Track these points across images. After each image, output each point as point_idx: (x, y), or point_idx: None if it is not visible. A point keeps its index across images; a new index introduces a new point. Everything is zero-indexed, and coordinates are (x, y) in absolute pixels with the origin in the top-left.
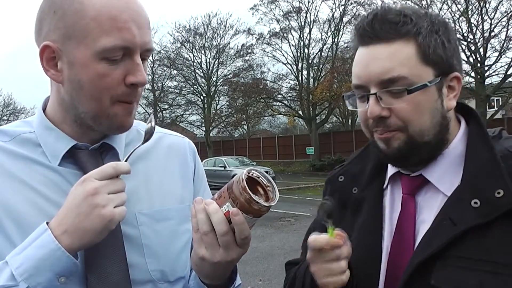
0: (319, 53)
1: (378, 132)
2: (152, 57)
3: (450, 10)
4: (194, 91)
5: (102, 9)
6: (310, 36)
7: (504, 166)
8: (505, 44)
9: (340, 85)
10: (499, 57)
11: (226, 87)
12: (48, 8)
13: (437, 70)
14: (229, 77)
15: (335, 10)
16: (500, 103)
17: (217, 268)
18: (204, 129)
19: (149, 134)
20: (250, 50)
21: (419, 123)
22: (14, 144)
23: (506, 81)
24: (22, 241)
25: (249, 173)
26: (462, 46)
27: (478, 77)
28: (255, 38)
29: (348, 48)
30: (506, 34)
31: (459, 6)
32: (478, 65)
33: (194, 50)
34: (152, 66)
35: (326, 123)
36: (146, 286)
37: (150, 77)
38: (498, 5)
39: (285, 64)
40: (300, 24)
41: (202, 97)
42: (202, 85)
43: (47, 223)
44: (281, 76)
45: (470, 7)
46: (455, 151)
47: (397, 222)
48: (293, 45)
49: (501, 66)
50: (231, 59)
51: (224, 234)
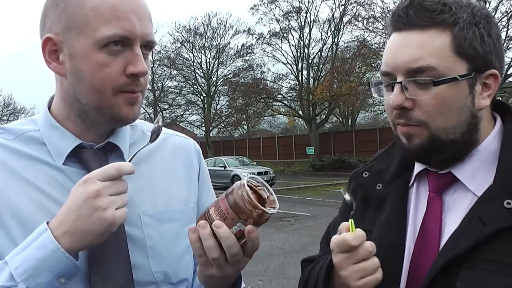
0: (319, 53)
1: (400, 124)
2: (152, 57)
3: None
4: (194, 91)
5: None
6: (310, 36)
7: None
8: (505, 44)
9: (340, 85)
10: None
11: (226, 87)
12: (51, 2)
13: (471, 65)
14: (229, 77)
15: (335, 10)
16: None
17: (224, 278)
18: (204, 129)
19: (156, 134)
20: (250, 50)
21: (443, 120)
22: (19, 142)
23: (506, 81)
24: (24, 240)
25: (250, 187)
26: None
27: None
28: (255, 38)
29: (348, 48)
30: (506, 34)
31: None
32: None
33: (194, 50)
34: (152, 66)
35: (326, 123)
36: (149, 287)
37: (150, 77)
38: (498, 5)
39: (285, 64)
40: (300, 24)
41: (202, 97)
42: (202, 85)
43: (47, 223)
44: (281, 76)
45: None
46: (488, 149)
47: (422, 221)
48: (293, 45)
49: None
50: (231, 59)
51: (235, 255)
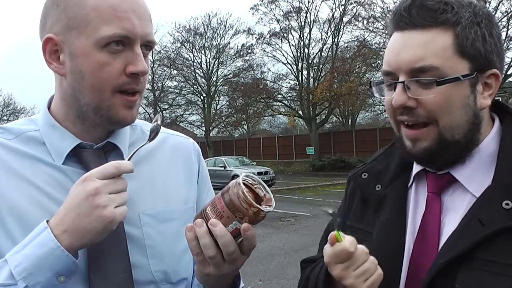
0: (319, 53)
1: (405, 124)
2: (152, 57)
3: None
4: (194, 91)
5: None
6: (310, 36)
7: None
8: (505, 44)
9: (340, 85)
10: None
11: (226, 87)
12: (51, 3)
13: (473, 65)
14: (229, 77)
15: (335, 10)
16: None
17: (222, 277)
18: (204, 129)
19: (154, 133)
20: (250, 50)
21: (449, 119)
22: (19, 142)
23: (506, 81)
24: (24, 239)
25: (245, 185)
26: None
27: None
28: (255, 38)
29: (348, 48)
30: (506, 34)
31: None
32: None
33: (194, 50)
34: (152, 66)
35: (326, 123)
36: (148, 286)
37: (150, 77)
38: (498, 5)
39: (285, 64)
40: (300, 24)
41: (202, 97)
42: (202, 85)
43: (47, 222)
44: (281, 76)
45: None
46: (487, 150)
47: (421, 222)
48: (293, 45)
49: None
50: (231, 59)
51: (231, 253)
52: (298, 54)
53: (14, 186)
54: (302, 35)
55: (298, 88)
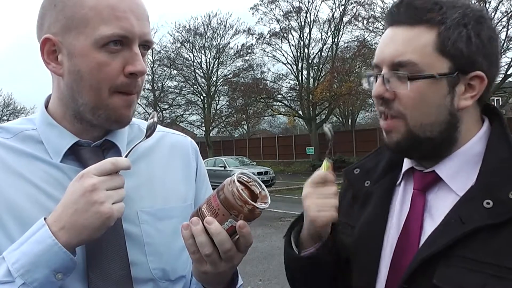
0: (319, 53)
1: (382, 116)
2: (152, 57)
3: None
4: (194, 91)
5: None
6: (310, 36)
7: None
8: (505, 44)
9: (340, 85)
10: (499, 57)
11: (226, 87)
12: (49, 3)
13: (454, 65)
14: (229, 77)
15: (335, 10)
16: (500, 103)
17: (219, 275)
18: (204, 129)
19: (151, 130)
20: (250, 50)
21: (420, 116)
22: (16, 141)
23: (506, 81)
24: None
25: (240, 182)
26: None
27: None
28: (255, 38)
29: (348, 48)
30: (506, 34)
31: None
32: None
33: (194, 50)
34: (152, 66)
35: (326, 123)
36: (147, 284)
37: (150, 77)
38: (498, 5)
39: (285, 64)
40: (300, 24)
41: (202, 97)
42: (202, 85)
43: (45, 219)
44: (281, 76)
45: None
46: (473, 150)
47: (405, 219)
48: (293, 45)
49: (501, 66)
50: (231, 59)
51: (228, 251)
52: (298, 54)
53: (12, 184)
54: (302, 35)
55: (298, 88)
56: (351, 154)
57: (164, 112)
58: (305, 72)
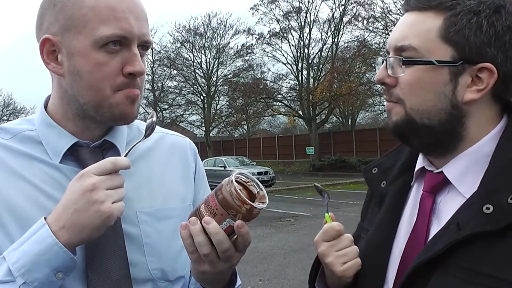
0: (319, 53)
1: (386, 101)
2: (152, 57)
3: None
4: (194, 91)
5: None
6: (310, 36)
7: None
8: None
9: (340, 85)
10: None
11: (226, 87)
12: (48, 3)
13: (459, 53)
14: (229, 77)
15: (335, 10)
16: None
17: (218, 275)
18: (204, 129)
19: (150, 130)
20: (250, 50)
21: (417, 101)
22: (15, 141)
23: None
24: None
25: (238, 182)
26: None
27: None
28: (255, 38)
29: (348, 48)
30: None
31: None
32: None
33: (194, 50)
34: (152, 66)
35: (326, 123)
36: (146, 284)
37: (150, 77)
38: None
39: (285, 64)
40: (300, 24)
41: (202, 97)
42: (202, 85)
43: (45, 218)
44: (281, 76)
45: None
46: (482, 150)
47: (415, 221)
48: (293, 45)
49: None
50: (231, 59)
51: (226, 251)
52: (298, 54)
53: (12, 184)
54: (302, 35)
55: (298, 88)
56: (351, 154)
57: (164, 112)
58: (305, 72)
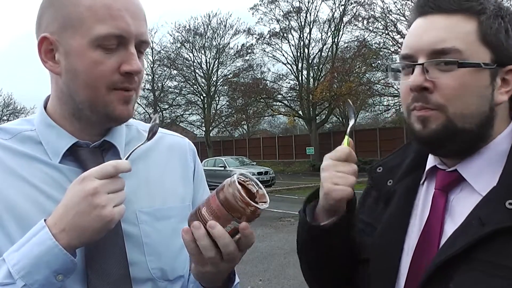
0: (319, 53)
1: (416, 109)
2: (152, 57)
3: None
4: (194, 91)
5: None
6: (310, 36)
7: None
8: None
9: (340, 85)
10: None
11: (226, 87)
12: (47, 2)
13: (495, 56)
14: (229, 77)
15: (335, 10)
16: None
17: (219, 274)
18: (204, 129)
19: (152, 132)
20: (250, 50)
21: (462, 105)
22: (15, 142)
23: None
24: (21, 237)
25: (239, 183)
26: None
27: None
28: (255, 38)
29: (348, 48)
30: None
31: None
32: None
33: (194, 50)
34: (152, 66)
35: (326, 123)
36: (146, 284)
37: (150, 77)
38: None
39: (285, 64)
40: (300, 24)
41: (202, 97)
42: (202, 85)
43: (45, 220)
44: (281, 76)
45: None
46: (498, 149)
47: (426, 220)
48: (293, 45)
49: None
50: (231, 59)
51: (231, 253)
52: (298, 54)
53: (11, 185)
54: (302, 35)
55: (298, 88)
56: None
57: (164, 112)
58: (305, 72)
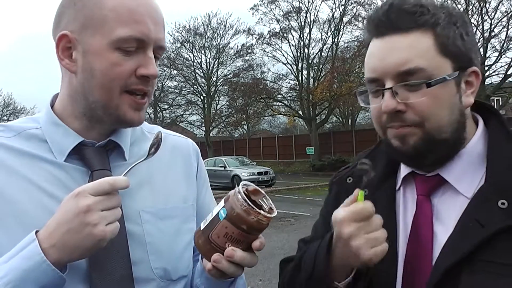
0: (319, 53)
1: (393, 127)
2: None
3: None
4: (194, 91)
5: (120, 1)
6: (310, 36)
7: None
8: (505, 44)
9: (340, 85)
10: (499, 57)
11: (226, 87)
12: (68, 2)
13: (455, 64)
14: (229, 77)
15: (335, 10)
16: (500, 103)
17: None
18: (204, 129)
19: (154, 148)
20: (250, 50)
21: (437, 119)
22: (19, 140)
23: (506, 81)
24: (24, 238)
25: (247, 197)
26: None
27: None
28: (255, 38)
29: (348, 48)
30: (506, 34)
31: (459, 6)
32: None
33: (194, 50)
34: None
35: (326, 123)
36: (149, 284)
37: None
38: (498, 5)
39: (285, 64)
40: (300, 24)
41: (202, 97)
42: (202, 85)
43: (36, 232)
44: (281, 76)
45: (470, 7)
46: (474, 150)
47: (412, 225)
48: (293, 45)
49: (501, 66)
50: (231, 59)
51: (253, 265)
52: (298, 54)
53: (15, 184)
54: (302, 35)
55: (298, 88)
56: (351, 154)
57: (164, 112)
58: (305, 72)
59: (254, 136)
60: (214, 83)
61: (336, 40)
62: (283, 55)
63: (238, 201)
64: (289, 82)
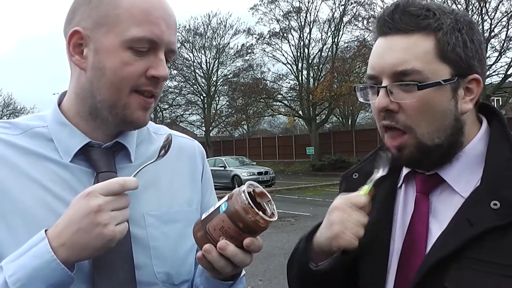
0: (319, 53)
1: (388, 132)
2: None
3: None
4: (194, 91)
5: (136, 2)
6: (310, 36)
7: None
8: (505, 44)
9: (340, 85)
10: (499, 57)
11: (226, 87)
12: None
13: (454, 70)
14: (229, 77)
15: (335, 10)
16: (500, 103)
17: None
18: (204, 129)
19: (164, 150)
20: (250, 50)
21: (427, 124)
22: (25, 137)
23: (506, 81)
24: (28, 238)
25: (250, 196)
26: None
27: None
28: (255, 38)
29: (348, 48)
30: (506, 34)
31: (459, 6)
32: None
33: (194, 50)
34: None
35: (326, 123)
36: (151, 287)
37: None
38: (498, 5)
39: (285, 64)
40: (300, 24)
41: (202, 97)
42: (202, 85)
43: (46, 231)
44: (281, 76)
45: (470, 7)
46: (474, 151)
47: (409, 222)
48: (293, 45)
49: (501, 66)
50: (231, 59)
51: (245, 264)
52: (298, 54)
53: (20, 184)
54: (302, 35)
55: (298, 88)
56: (351, 154)
57: (164, 112)
58: (305, 72)
59: (254, 136)
60: (214, 83)
61: (336, 40)
62: (283, 55)
63: (240, 198)
64: (289, 82)
